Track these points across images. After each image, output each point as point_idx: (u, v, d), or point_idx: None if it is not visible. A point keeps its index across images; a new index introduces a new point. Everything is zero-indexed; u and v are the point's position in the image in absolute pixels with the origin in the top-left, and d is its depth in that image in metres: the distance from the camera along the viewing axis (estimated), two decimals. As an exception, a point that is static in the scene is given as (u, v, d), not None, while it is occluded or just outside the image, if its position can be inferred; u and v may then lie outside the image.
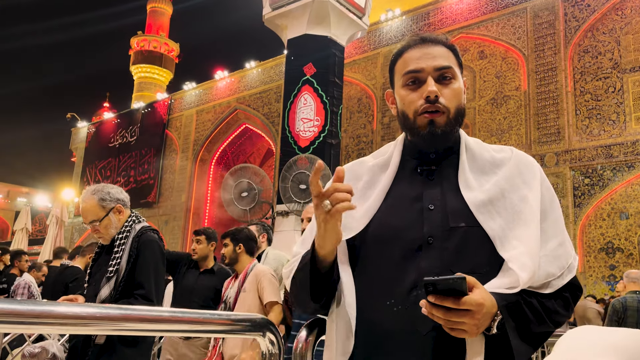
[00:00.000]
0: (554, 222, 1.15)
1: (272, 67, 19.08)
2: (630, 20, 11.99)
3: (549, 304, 1.09)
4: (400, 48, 1.27)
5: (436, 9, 15.18)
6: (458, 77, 1.23)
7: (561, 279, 1.10)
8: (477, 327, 0.97)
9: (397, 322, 1.08)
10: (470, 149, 1.23)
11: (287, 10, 9.98)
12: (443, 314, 0.95)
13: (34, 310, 0.96)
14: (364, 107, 16.32)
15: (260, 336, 1.28)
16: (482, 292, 0.98)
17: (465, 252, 1.10)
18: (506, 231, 1.09)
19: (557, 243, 1.12)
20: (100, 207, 2.55)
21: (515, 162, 1.19)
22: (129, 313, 1.08)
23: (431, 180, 1.20)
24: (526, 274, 1.03)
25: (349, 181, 1.26)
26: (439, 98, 1.18)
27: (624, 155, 11.34)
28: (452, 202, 1.15)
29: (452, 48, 1.26)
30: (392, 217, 1.16)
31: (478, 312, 0.96)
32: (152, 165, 21.82)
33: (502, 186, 1.14)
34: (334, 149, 9.76)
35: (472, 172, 1.18)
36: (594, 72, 12.23)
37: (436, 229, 1.12)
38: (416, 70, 1.21)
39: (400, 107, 1.24)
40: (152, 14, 45.41)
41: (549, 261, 1.09)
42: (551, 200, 1.18)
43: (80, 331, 1.18)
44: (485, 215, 1.11)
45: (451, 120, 1.19)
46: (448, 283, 0.94)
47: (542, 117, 12.61)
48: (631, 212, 11.18)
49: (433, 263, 1.09)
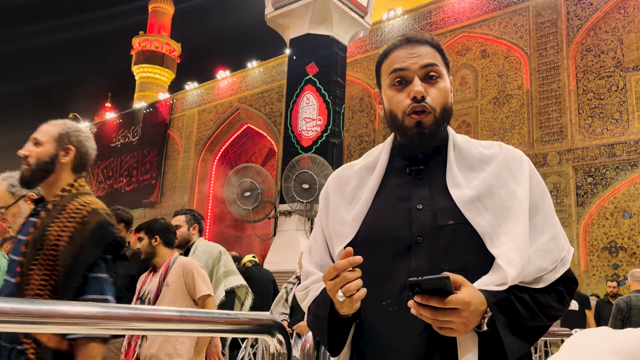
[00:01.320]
0: (545, 216, 1.14)
1: (274, 67, 19.08)
2: (633, 19, 11.96)
3: (542, 298, 1.08)
4: (386, 49, 1.27)
5: (438, 8, 15.16)
6: (444, 76, 1.23)
7: (554, 273, 1.10)
8: (465, 325, 0.98)
9: (390, 322, 1.08)
10: (458, 147, 1.22)
11: (289, 9, 9.99)
12: (430, 314, 0.96)
13: (41, 310, 0.95)
14: (366, 107, 16.31)
15: (269, 336, 1.28)
16: (470, 290, 0.98)
17: (455, 250, 1.09)
18: (495, 227, 1.08)
19: (548, 237, 1.11)
20: (10, 193, 2.36)
21: (504, 157, 1.18)
22: (138, 313, 1.07)
23: (419, 179, 1.19)
24: (514, 270, 1.02)
25: (337, 190, 1.28)
26: (426, 98, 1.18)
27: (627, 154, 11.32)
28: (440, 200, 1.14)
29: (438, 47, 1.26)
30: (382, 218, 1.17)
31: (465, 310, 0.96)
32: (154, 165, 21.84)
33: (490, 182, 1.14)
34: (337, 149, 9.76)
35: (460, 170, 1.18)
36: (597, 71, 12.20)
37: (425, 228, 1.11)
38: (402, 68, 1.21)
39: (388, 108, 1.24)
40: (153, 14, 45.43)
41: (540, 256, 1.09)
42: (542, 194, 1.17)
43: (88, 330, 1.18)
44: (474, 212, 1.10)
45: (438, 119, 1.19)
46: (432, 283, 0.94)
47: (545, 116, 12.59)
48: (634, 211, 11.15)
49: (423, 262, 1.09)
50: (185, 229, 3.88)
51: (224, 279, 3.91)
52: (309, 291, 1.23)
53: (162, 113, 22.42)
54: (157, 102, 23.47)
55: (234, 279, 3.99)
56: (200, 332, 1.34)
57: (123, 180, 22.58)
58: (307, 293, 1.24)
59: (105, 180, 23.61)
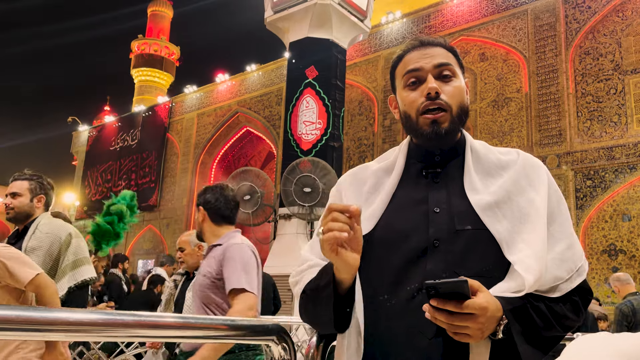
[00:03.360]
0: (562, 225, 1.13)
1: (273, 70, 19.09)
2: (631, 22, 11.99)
3: (557, 308, 1.07)
4: (400, 53, 1.27)
5: (437, 12, 15.19)
6: (459, 75, 1.22)
7: (570, 283, 1.08)
8: (481, 332, 0.96)
9: (402, 326, 1.06)
10: (476, 151, 1.21)
11: (289, 13, 9.99)
12: (446, 318, 0.94)
13: (46, 317, 0.94)
14: (365, 110, 16.32)
15: (274, 342, 1.27)
16: (486, 295, 0.97)
17: (472, 255, 1.08)
18: (513, 234, 1.07)
19: (565, 246, 1.10)
20: None
21: (522, 164, 1.17)
22: (142, 320, 1.07)
23: (436, 182, 1.18)
24: (532, 276, 1.01)
25: (353, 186, 1.26)
26: (440, 95, 1.17)
27: (626, 157, 11.33)
28: (457, 204, 1.13)
29: (452, 50, 1.25)
30: (398, 220, 1.15)
31: (482, 315, 0.94)
32: (153, 168, 21.82)
33: (508, 189, 1.12)
34: (336, 152, 9.75)
35: (477, 174, 1.16)
36: (595, 74, 12.22)
37: (442, 231, 1.10)
38: (415, 69, 1.20)
39: (402, 109, 1.23)
40: (152, 18, 45.46)
41: (557, 264, 1.07)
42: (558, 202, 1.16)
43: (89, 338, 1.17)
44: (492, 217, 1.09)
45: (454, 118, 1.18)
46: (449, 286, 0.92)
47: (544, 119, 12.60)
48: (633, 214, 11.16)
49: (439, 266, 1.07)
50: (26, 199, 2.98)
51: (70, 271, 2.94)
52: (304, 275, 1.20)
53: (161, 116, 22.41)
54: (156, 105, 23.46)
55: (86, 270, 3.01)
56: (203, 339, 1.33)
57: (122, 183, 22.55)
58: (302, 277, 1.21)
59: (103, 184, 23.58)
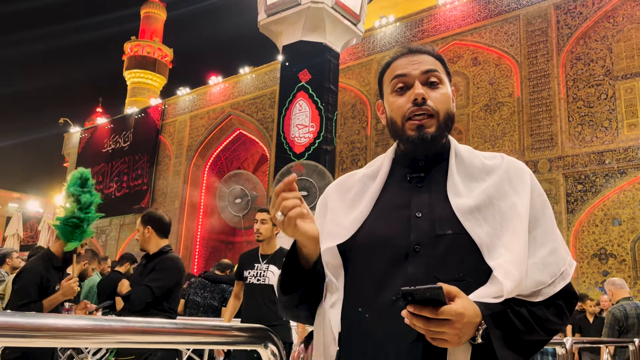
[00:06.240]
0: (546, 229, 1.13)
1: (266, 73, 19.08)
2: (622, 28, 12.11)
3: (540, 312, 1.07)
4: (388, 60, 1.28)
5: (430, 16, 15.26)
6: (445, 83, 1.23)
7: (552, 287, 1.08)
8: (458, 337, 0.96)
9: (384, 330, 1.07)
10: (460, 156, 1.21)
11: (282, 16, 10.01)
12: (423, 324, 0.94)
13: (32, 324, 0.94)
14: (358, 113, 16.35)
15: (262, 347, 1.27)
16: (464, 301, 0.97)
17: (452, 260, 1.08)
18: (493, 239, 1.07)
19: (548, 250, 1.10)
20: None
21: (506, 168, 1.17)
22: (130, 325, 1.06)
23: (420, 187, 1.18)
24: (510, 282, 1.01)
25: (337, 194, 1.27)
26: (427, 100, 1.17)
27: (617, 162, 11.42)
28: (439, 209, 1.13)
29: (440, 57, 1.26)
30: (380, 225, 1.15)
31: (458, 321, 0.94)
32: (145, 170, 21.72)
33: (490, 193, 1.12)
34: (329, 155, 9.76)
35: (461, 179, 1.17)
36: (586, 79, 12.32)
37: (423, 236, 1.10)
38: (403, 74, 1.21)
39: (389, 114, 1.25)
40: (145, 20, 45.32)
41: (539, 269, 1.07)
42: (543, 207, 1.15)
43: (80, 344, 1.16)
44: (472, 222, 1.09)
45: (440, 124, 1.18)
46: (425, 292, 0.92)
47: (535, 123, 12.68)
48: (624, 219, 11.24)
49: (420, 270, 1.07)
50: None
51: None
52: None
53: (153, 118, 22.32)
54: (149, 107, 23.37)
55: None
56: (193, 344, 1.32)
57: (113, 185, 22.43)
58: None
59: (95, 186, 23.41)
